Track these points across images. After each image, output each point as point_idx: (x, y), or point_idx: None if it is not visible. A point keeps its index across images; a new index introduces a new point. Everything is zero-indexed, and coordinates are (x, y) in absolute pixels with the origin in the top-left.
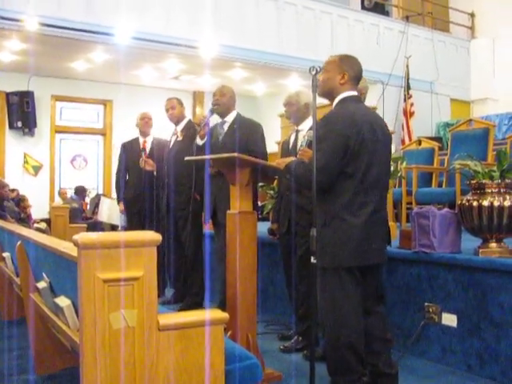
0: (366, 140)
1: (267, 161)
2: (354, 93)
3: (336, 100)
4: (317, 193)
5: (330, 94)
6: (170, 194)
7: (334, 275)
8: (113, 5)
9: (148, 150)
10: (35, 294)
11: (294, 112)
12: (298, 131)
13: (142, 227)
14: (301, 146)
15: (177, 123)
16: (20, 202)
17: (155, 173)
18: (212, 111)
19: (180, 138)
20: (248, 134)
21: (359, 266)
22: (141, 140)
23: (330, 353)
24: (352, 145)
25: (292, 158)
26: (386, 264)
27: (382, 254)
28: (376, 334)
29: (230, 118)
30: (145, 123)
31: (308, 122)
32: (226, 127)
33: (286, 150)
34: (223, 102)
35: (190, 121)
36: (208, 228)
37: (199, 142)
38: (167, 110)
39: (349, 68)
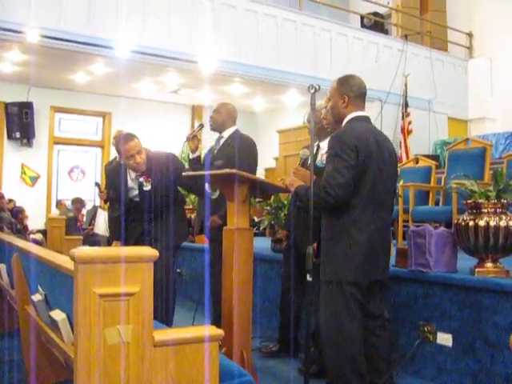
0: (372, 156)
1: None
2: (361, 113)
3: (344, 121)
4: (327, 208)
5: (339, 121)
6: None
7: (338, 289)
8: (113, 18)
9: None
10: (30, 307)
11: (318, 130)
12: (318, 147)
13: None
14: (321, 164)
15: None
16: (18, 213)
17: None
18: (201, 126)
19: (148, 187)
20: (238, 151)
21: (363, 282)
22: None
23: (331, 370)
24: (361, 158)
25: (300, 182)
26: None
27: (385, 271)
28: (380, 354)
29: (226, 133)
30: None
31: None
32: (221, 142)
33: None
34: (216, 118)
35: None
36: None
37: (191, 155)
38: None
39: (348, 90)
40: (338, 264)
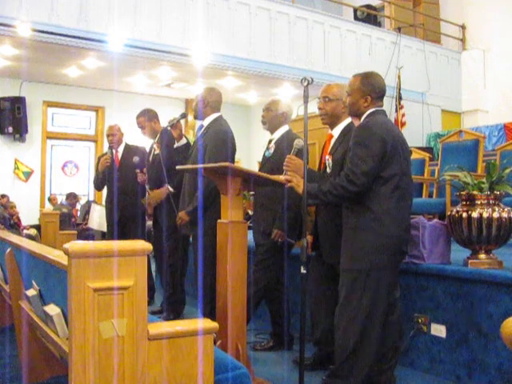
0: (398, 147)
1: None
2: (380, 107)
3: (364, 115)
4: (348, 198)
5: (357, 116)
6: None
7: (368, 278)
8: (106, 12)
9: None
10: (24, 302)
11: (270, 118)
12: (270, 140)
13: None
14: (268, 154)
15: (153, 137)
16: (4, 208)
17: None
18: (183, 115)
19: (157, 151)
20: (210, 141)
21: (394, 270)
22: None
23: (345, 358)
24: (388, 150)
25: (301, 182)
26: None
27: (404, 258)
28: (388, 343)
29: (206, 122)
30: (109, 141)
31: (280, 131)
32: (201, 131)
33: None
34: (195, 105)
35: (164, 129)
36: None
37: (175, 144)
38: (140, 128)
39: (370, 91)
40: (369, 253)
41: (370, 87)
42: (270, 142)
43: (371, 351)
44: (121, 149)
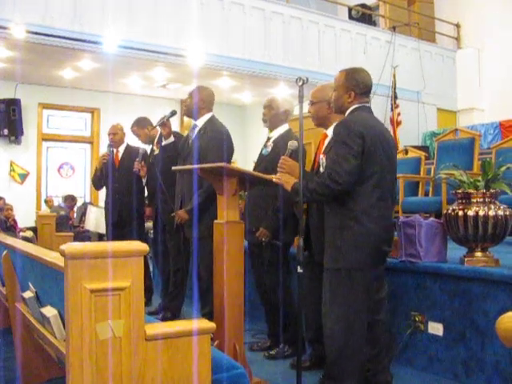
0: (379, 143)
1: None
2: (364, 104)
3: (348, 111)
4: (334, 196)
5: (341, 111)
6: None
7: (348, 277)
8: (100, 13)
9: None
10: (21, 304)
11: (271, 116)
12: (268, 138)
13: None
14: (266, 152)
15: (150, 143)
16: (0, 210)
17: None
18: (173, 112)
19: (156, 152)
20: (208, 142)
21: (373, 269)
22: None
23: (335, 358)
24: (368, 146)
25: (294, 179)
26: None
27: (387, 257)
28: (379, 343)
29: (200, 121)
30: (110, 139)
31: (280, 130)
32: (195, 131)
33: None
34: (188, 104)
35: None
36: None
37: (163, 142)
38: (136, 137)
39: (354, 86)
40: (348, 252)
41: (353, 82)
42: (268, 139)
43: (359, 349)
44: (121, 149)
